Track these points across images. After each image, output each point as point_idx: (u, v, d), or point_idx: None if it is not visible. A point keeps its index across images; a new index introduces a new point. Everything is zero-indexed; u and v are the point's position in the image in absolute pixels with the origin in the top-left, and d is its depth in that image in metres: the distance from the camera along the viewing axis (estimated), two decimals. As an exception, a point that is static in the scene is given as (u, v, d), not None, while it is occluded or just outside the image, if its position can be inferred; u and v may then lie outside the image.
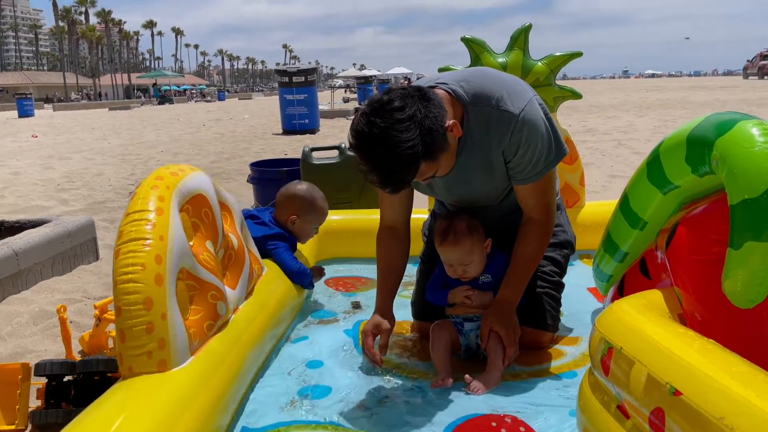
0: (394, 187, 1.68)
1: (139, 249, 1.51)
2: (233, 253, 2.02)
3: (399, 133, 1.58)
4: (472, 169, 1.93)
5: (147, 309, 1.46)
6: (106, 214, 5.13)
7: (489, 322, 1.92)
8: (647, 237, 1.88)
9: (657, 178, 1.64)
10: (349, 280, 2.96)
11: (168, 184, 1.68)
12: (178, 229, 1.62)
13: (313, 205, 2.65)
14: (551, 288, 2.15)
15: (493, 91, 1.81)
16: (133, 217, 1.58)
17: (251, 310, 2.03)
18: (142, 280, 1.47)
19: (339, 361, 2.09)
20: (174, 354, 1.50)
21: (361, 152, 1.64)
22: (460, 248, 1.99)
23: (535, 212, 1.98)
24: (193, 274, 1.68)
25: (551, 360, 2.04)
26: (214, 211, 1.87)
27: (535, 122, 1.82)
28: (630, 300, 1.52)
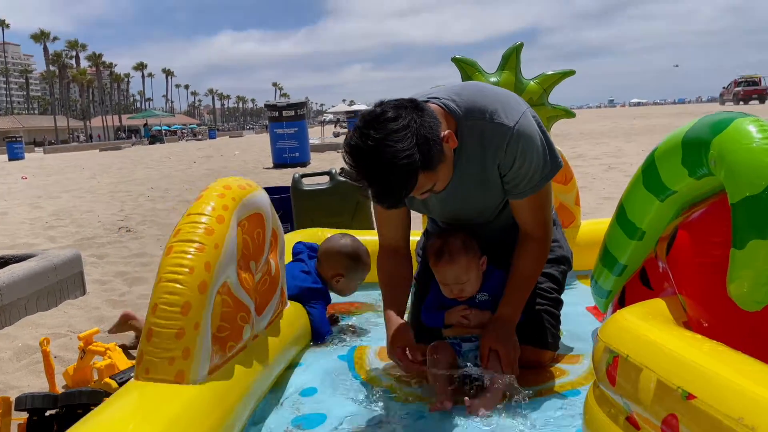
0: (393, 200, 1.63)
1: (192, 251, 1.47)
2: (269, 279, 1.98)
3: (395, 143, 1.54)
4: (468, 184, 1.89)
5: (183, 313, 1.42)
6: (95, 249, 5.05)
7: (488, 341, 1.86)
8: (646, 247, 1.84)
9: (653, 185, 1.61)
10: (342, 305, 2.89)
11: (234, 196, 1.66)
12: (233, 242, 1.59)
13: (358, 263, 2.60)
14: (550, 305, 2.09)
15: (487, 105, 1.79)
16: (194, 218, 1.55)
17: (269, 343, 1.97)
18: (187, 283, 1.43)
19: (333, 387, 2.01)
20: (195, 367, 1.44)
21: (356, 167, 1.60)
22: (455, 267, 1.94)
23: (532, 227, 1.94)
24: (232, 291, 1.64)
25: (553, 379, 1.98)
26: (266, 234, 1.85)
27: (530, 135, 1.80)
28: (632, 309, 1.47)
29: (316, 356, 2.29)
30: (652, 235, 1.77)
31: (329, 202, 3.39)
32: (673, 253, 1.50)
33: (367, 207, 3.58)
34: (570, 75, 3.15)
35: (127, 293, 3.61)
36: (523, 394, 1.77)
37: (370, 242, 3.13)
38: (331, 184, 3.54)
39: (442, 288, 2.01)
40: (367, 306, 2.88)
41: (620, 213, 1.84)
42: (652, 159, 1.59)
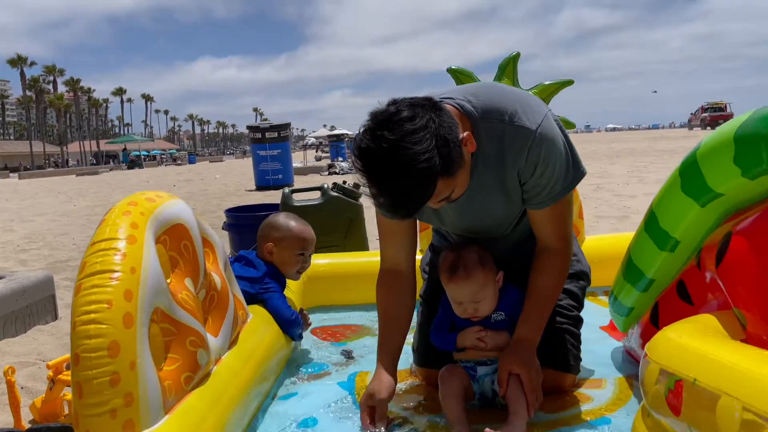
0: (408, 210, 1.46)
1: (104, 283, 1.26)
2: (216, 294, 1.76)
3: (412, 145, 1.37)
4: (486, 192, 1.72)
5: (112, 356, 1.20)
6: (69, 272, 4.79)
7: (508, 364, 1.68)
8: (678, 259, 1.68)
9: (694, 188, 1.46)
10: (338, 329, 2.69)
11: (143, 210, 1.44)
12: (153, 262, 1.37)
13: (288, 228, 2.39)
14: (570, 324, 1.92)
15: (506, 105, 1.62)
16: (99, 246, 1.33)
17: (235, 362, 1.75)
18: (107, 321, 1.22)
19: (335, 417, 1.81)
20: (144, 412, 1.23)
21: (368, 173, 1.43)
22: (471, 283, 1.76)
23: (553, 240, 1.77)
24: (170, 316, 1.42)
25: (578, 405, 1.79)
26: (195, 244, 1.62)
27: (553, 139, 1.63)
28: (682, 326, 1.30)
29: (312, 385, 2.09)
30: (687, 246, 1.62)
31: (321, 219, 3.19)
32: (726, 262, 1.34)
33: (360, 225, 3.40)
34: (569, 85, 3.03)
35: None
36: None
37: (365, 264, 2.96)
38: (323, 200, 3.35)
39: (454, 307, 1.82)
40: (365, 329, 2.68)
41: (650, 221, 1.68)
42: (693, 159, 1.44)
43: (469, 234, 1.90)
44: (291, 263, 2.40)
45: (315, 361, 2.33)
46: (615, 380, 1.95)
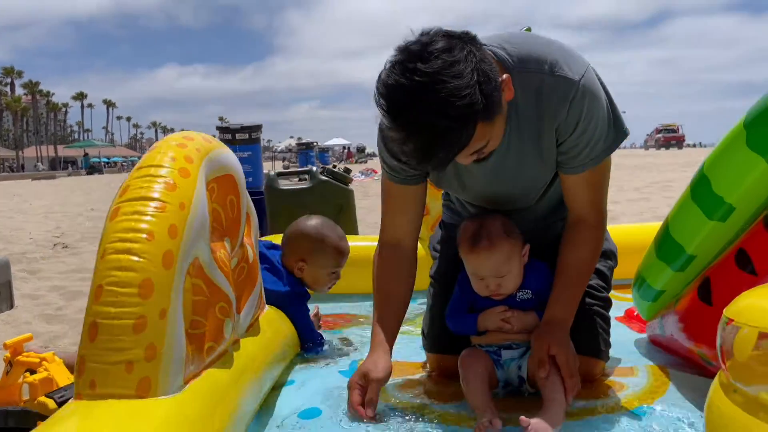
0: (440, 159, 1.27)
1: (147, 211, 1.06)
2: (246, 267, 1.55)
3: (451, 78, 1.19)
4: (520, 152, 1.53)
5: (144, 296, 1.00)
6: (26, 265, 4.47)
7: (544, 343, 1.49)
8: (728, 230, 1.53)
9: (761, 143, 1.30)
10: (329, 318, 2.47)
11: (199, 147, 1.26)
12: (203, 203, 1.18)
13: (324, 244, 2.10)
14: (600, 306, 1.74)
15: (545, 54, 1.44)
16: (147, 171, 1.14)
17: (253, 347, 1.54)
18: (145, 254, 1.02)
19: (340, 408, 1.59)
20: (164, 373, 1.02)
21: (396, 112, 1.24)
22: (495, 255, 1.57)
23: (587, 211, 1.59)
24: (205, 273, 1.22)
25: (614, 393, 1.61)
26: (241, 202, 1.42)
27: (597, 93, 1.46)
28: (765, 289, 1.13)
29: (310, 373, 1.86)
30: (743, 212, 1.46)
31: (309, 204, 2.98)
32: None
33: (350, 212, 3.19)
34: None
35: (64, 307, 3.08)
36: None
37: (356, 250, 2.75)
38: (312, 183, 3.14)
39: (474, 283, 1.62)
40: (357, 319, 2.48)
41: (700, 187, 1.52)
42: (762, 111, 1.28)
43: (490, 205, 1.71)
44: (323, 281, 2.14)
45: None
46: (646, 368, 1.78)
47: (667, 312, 1.80)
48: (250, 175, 11.47)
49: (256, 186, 11.95)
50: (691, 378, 1.67)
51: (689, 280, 1.72)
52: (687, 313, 1.65)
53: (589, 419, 1.45)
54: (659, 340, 1.93)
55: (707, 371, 1.64)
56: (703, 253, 1.63)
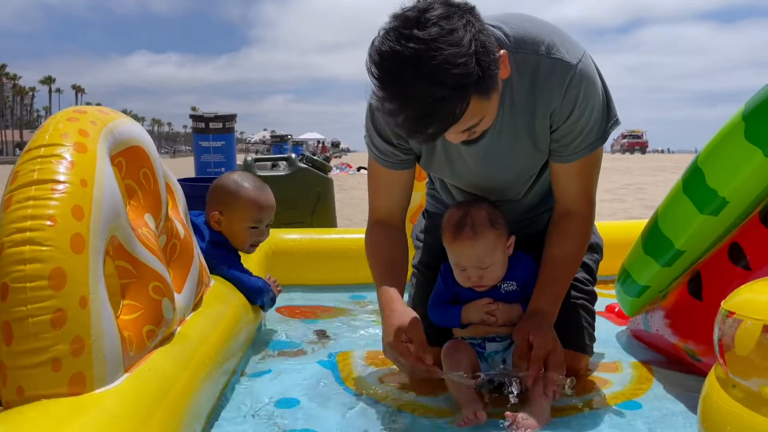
0: (436, 128, 1.21)
1: (46, 195, 0.96)
2: (178, 243, 1.46)
3: (448, 46, 1.14)
4: (512, 136, 1.48)
5: (55, 288, 0.90)
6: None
7: (524, 332, 1.45)
8: (719, 224, 1.50)
9: (760, 134, 1.27)
10: (306, 309, 2.40)
11: (93, 120, 1.14)
12: (109, 177, 1.08)
13: (238, 195, 1.98)
14: (586, 299, 1.71)
15: (542, 36, 1.40)
16: (36, 153, 1.02)
17: (203, 325, 1.45)
18: (48, 241, 0.92)
19: (319, 398, 1.54)
20: (99, 365, 0.93)
21: (389, 81, 1.18)
22: (480, 244, 1.51)
23: (577, 202, 1.55)
24: (128, 252, 1.12)
25: (599, 389, 1.58)
26: (156, 174, 1.31)
27: (593, 78, 1.42)
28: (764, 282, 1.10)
29: (287, 363, 1.80)
30: (736, 206, 1.44)
31: (286, 192, 2.90)
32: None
33: (329, 201, 3.12)
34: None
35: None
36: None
37: (335, 242, 2.70)
38: (290, 170, 3.06)
39: (457, 274, 1.57)
40: (336, 310, 2.41)
41: (693, 180, 1.50)
42: (762, 102, 1.25)
43: (484, 190, 1.66)
44: (241, 236, 2.01)
45: (284, 338, 2.04)
46: (630, 364, 1.76)
47: (652, 307, 1.78)
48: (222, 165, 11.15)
49: (229, 176, 11.59)
50: (675, 374, 1.66)
51: (676, 276, 1.70)
52: (675, 308, 1.63)
53: (573, 416, 1.42)
54: (642, 336, 1.91)
55: (692, 367, 1.62)
56: (691, 248, 1.60)
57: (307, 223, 3.00)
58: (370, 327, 2.15)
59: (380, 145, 1.56)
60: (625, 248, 1.90)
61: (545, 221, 1.75)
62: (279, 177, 3.05)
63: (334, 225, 3.21)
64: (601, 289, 2.49)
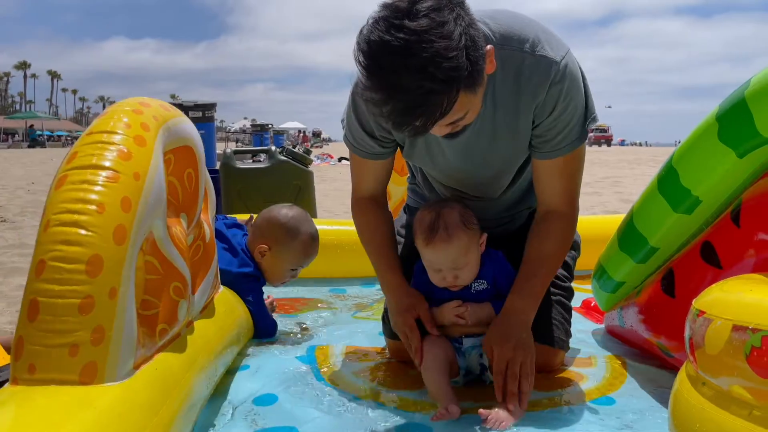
0: (423, 121, 1.20)
1: (99, 181, 0.97)
2: (202, 246, 1.47)
3: (440, 39, 1.14)
4: (493, 132, 1.49)
5: (91, 273, 0.92)
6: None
7: (491, 340, 1.46)
8: (692, 223, 1.53)
9: (737, 133, 1.29)
10: (285, 302, 2.40)
11: (156, 115, 1.16)
12: (160, 174, 1.09)
13: (294, 237, 2.00)
14: (563, 295, 1.73)
15: (527, 32, 1.41)
16: (98, 137, 1.04)
17: (207, 330, 1.46)
18: (94, 227, 0.93)
19: (297, 394, 1.54)
20: (113, 358, 0.94)
21: (378, 71, 1.17)
22: (453, 246, 1.50)
23: (559, 201, 1.56)
24: (160, 250, 1.13)
25: (575, 384, 1.61)
26: (199, 176, 1.33)
27: (576, 76, 1.44)
28: (735, 281, 1.12)
29: (265, 358, 1.79)
30: (709, 205, 1.46)
31: (266, 184, 2.89)
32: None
33: (309, 194, 3.11)
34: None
35: (1, 284, 2.89)
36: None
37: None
38: (270, 163, 3.04)
39: (432, 275, 1.57)
40: (313, 302, 2.41)
41: (667, 179, 1.52)
42: (740, 100, 1.27)
43: (458, 186, 1.67)
44: (280, 275, 2.05)
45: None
46: (605, 359, 1.78)
47: (627, 303, 1.81)
48: (202, 155, 11.10)
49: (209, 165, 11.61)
50: (649, 369, 1.68)
51: (650, 273, 1.73)
52: (648, 304, 1.66)
53: (548, 411, 1.44)
54: (617, 331, 1.94)
55: (665, 362, 1.65)
56: (665, 245, 1.63)
57: (287, 216, 2.99)
58: (349, 321, 2.16)
59: (358, 135, 1.57)
60: (602, 243, 1.93)
61: (524, 219, 1.77)
62: (259, 170, 3.03)
63: (315, 217, 3.20)
64: (577, 284, 2.53)
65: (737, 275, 1.22)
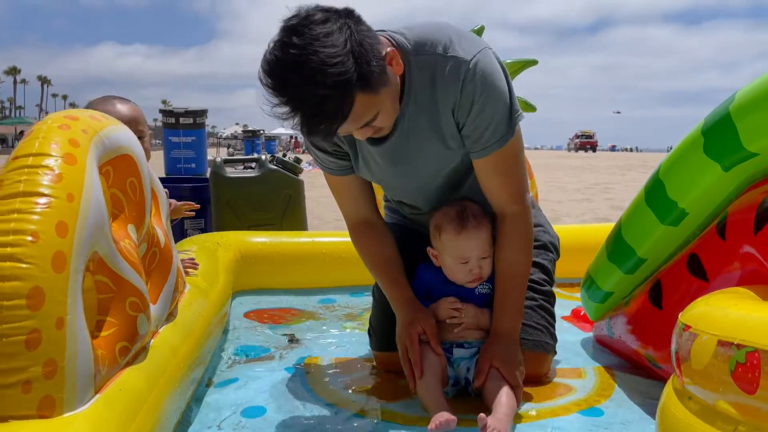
0: (326, 126, 1.29)
1: (30, 209, 0.93)
2: (158, 252, 1.44)
3: (323, 48, 1.23)
4: (420, 135, 1.51)
5: (33, 308, 0.88)
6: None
7: (488, 356, 1.50)
8: (679, 234, 1.55)
9: (721, 148, 1.31)
10: (275, 312, 2.39)
11: (85, 128, 1.11)
12: (97, 192, 1.05)
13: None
14: (544, 299, 1.74)
15: (440, 37, 1.45)
16: (23, 162, 1.00)
17: (174, 337, 1.43)
18: (30, 259, 0.89)
19: (286, 406, 1.54)
20: (70, 389, 0.91)
21: (278, 86, 1.27)
22: (484, 232, 1.56)
23: (505, 201, 1.56)
24: (110, 267, 1.10)
25: (563, 395, 1.61)
26: (143, 184, 1.30)
27: (491, 72, 1.44)
28: (721, 295, 1.13)
29: (254, 370, 1.79)
30: (695, 218, 1.48)
31: (257, 193, 2.89)
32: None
33: (300, 203, 3.11)
34: (533, 64, 2.91)
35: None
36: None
37: (305, 245, 2.68)
38: (260, 172, 3.04)
39: (457, 270, 1.58)
40: (305, 313, 2.40)
41: (654, 191, 1.53)
42: (725, 114, 1.29)
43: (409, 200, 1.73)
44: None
45: (253, 344, 2.03)
46: (593, 370, 1.79)
47: (615, 313, 1.82)
48: (193, 161, 10.92)
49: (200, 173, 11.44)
50: (637, 380, 1.69)
51: (638, 283, 1.74)
52: (636, 315, 1.66)
53: (537, 422, 1.44)
54: (606, 341, 1.95)
55: (653, 373, 1.66)
56: (653, 256, 1.64)
57: (277, 225, 2.98)
58: (338, 332, 2.16)
59: (318, 154, 1.62)
60: (591, 253, 1.94)
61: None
62: (249, 178, 3.02)
63: (305, 227, 3.19)
64: (567, 292, 2.55)
65: (723, 288, 1.24)
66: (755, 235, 1.21)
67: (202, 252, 2.26)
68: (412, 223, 1.81)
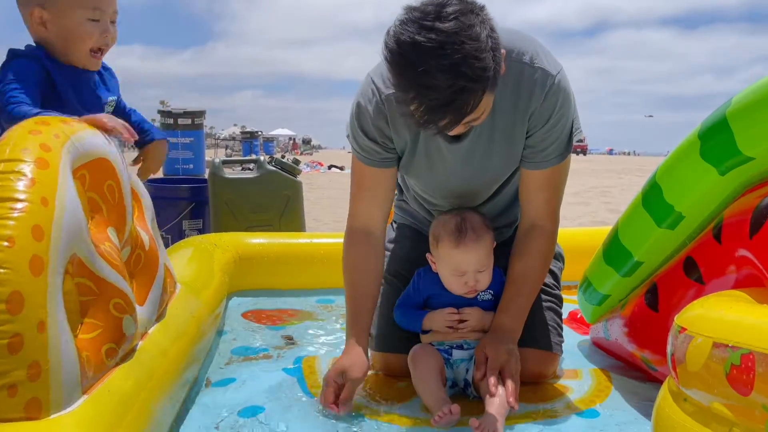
0: (451, 118, 1.26)
1: (5, 215, 0.93)
2: (143, 254, 1.44)
3: (470, 40, 1.20)
4: (491, 138, 1.53)
5: (13, 312, 0.89)
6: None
7: (485, 345, 1.51)
8: (675, 238, 1.55)
9: (718, 151, 1.32)
10: (273, 313, 2.39)
11: (57, 132, 1.11)
12: (71, 194, 1.05)
13: None
14: (553, 302, 1.77)
15: (526, 47, 1.48)
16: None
17: (165, 339, 1.43)
18: (6, 263, 0.90)
19: (283, 406, 1.54)
20: (56, 390, 0.92)
21: (409, 69, 1.22)
22: (482, 246, 1.56)
23: (542, 215, 1.60)
24: (90, 269, 1.10)
25: (560, 396, 1.62)
26: (122, 187, 1.29)
27: (569, 91, 1.51)
28: (716, 299, 1.14)
29: (251, 370, 1.79)
30: (692, 221, 1.49)
31: (255, 194, 2.89)
32: (763, 234, 1.19)
33: (298, 204, 3.11)
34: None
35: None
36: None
37: (303, 246, 2.69)
38: (259, 173, 3.04)
39: (452, 281, 1.59)
40: (303, 314, 2.40)
41: (651, 194, 1.54)
42: (721, 118, 1.30)
43: (446, 199, 1.70)
44: (81, 34, 1.48)
45: (251, 344, 2.03)
46: (590, 371, 1.80)
47: (612, 316, 1.83)
48: (191, 162, 10.92)
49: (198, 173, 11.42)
50: (633, 382, 1.70)
51: (634, 286, 1.75)
52: (633, 317, 1.67)
53: (533, 423, 1.45)
54: (602, 344, 1.96)
55: (649, 375, 1.67)
56: (650, 259, 1.65)
57: (275, 226, 2.99)
58: (336, 332, 2.16)
59: (363, 143, 1.58)
60: (589, 255, 1.95)
61: (506, 236, 1.79)
62: (248, 179, 3.03)
63: (303, 229, 3.20)
64: (564, 294, 2.55)
65: (719, 291, 1.25)
66: (750, 239, 1.22)
67: (198, 252, 2.26)
68: (423, 226, 1.81)
